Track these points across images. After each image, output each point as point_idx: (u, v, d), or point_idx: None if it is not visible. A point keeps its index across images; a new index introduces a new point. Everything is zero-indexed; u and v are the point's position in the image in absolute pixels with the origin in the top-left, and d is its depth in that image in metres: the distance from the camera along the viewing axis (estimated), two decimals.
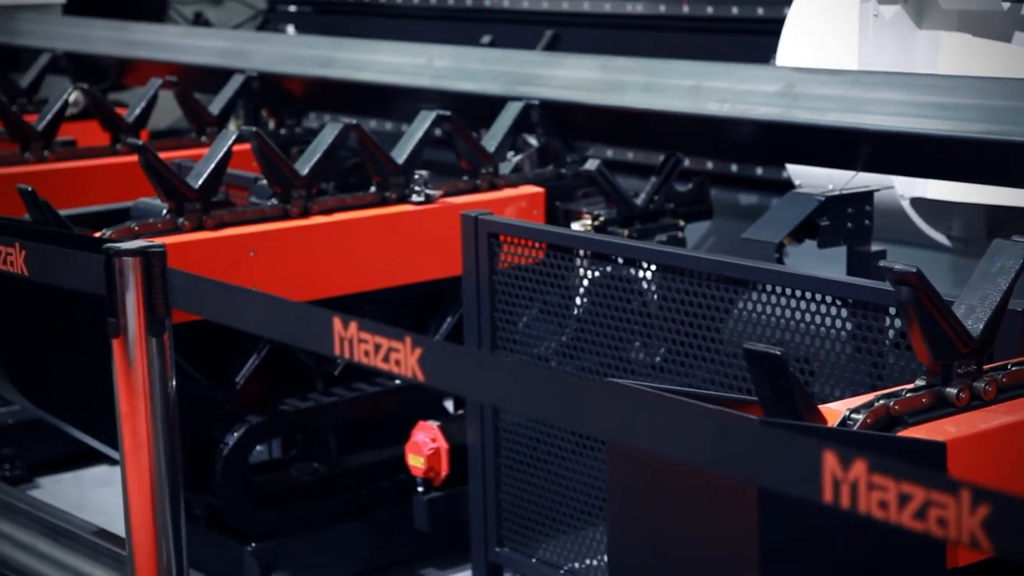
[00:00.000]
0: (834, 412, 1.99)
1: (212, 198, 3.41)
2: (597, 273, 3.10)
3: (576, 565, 3.20)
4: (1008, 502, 1.36)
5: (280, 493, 3.68)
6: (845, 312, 2.61)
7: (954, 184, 3.68)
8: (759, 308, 2.75)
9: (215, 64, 5.31)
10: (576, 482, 3.16)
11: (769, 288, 2.73)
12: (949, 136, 3.31)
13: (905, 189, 3.81)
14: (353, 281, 3.57)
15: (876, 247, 3.51)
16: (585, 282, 3.13)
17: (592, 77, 4.19)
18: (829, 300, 2.63)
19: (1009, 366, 2.13)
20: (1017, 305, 2.34)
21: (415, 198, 3.66)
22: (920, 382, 2.06)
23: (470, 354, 2.58)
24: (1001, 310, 2.10)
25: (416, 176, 3.67)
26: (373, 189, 3.67)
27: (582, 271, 3.14)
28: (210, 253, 3.33)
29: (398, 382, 3.60)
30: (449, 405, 3.91)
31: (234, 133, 3.50)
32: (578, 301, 3.16)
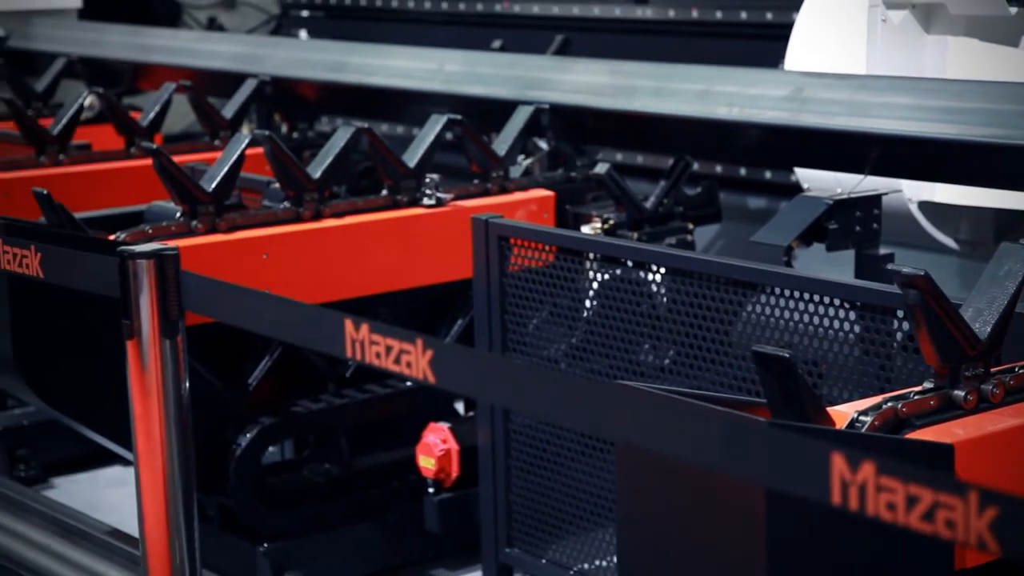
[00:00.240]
0: (842, 414, 1.99)
1: (225, 201, 3.42)
2: (607, 276, 3.10)
3: (586, 566, 3.20)
4: (1016, 504, 1.36)
5: (292, 494, 3.69)
6: (853, 315, 2.61)
7: (962, 188, 3.69)
8: (768, 311, 2.75)
9: (228, 68, 5.32)
10: (586, 483, 3.16)
11: (778, 291, 2.73)
12: (956, 140, 3.31)
13: (913, 193, 3.81)
14: (364, 283, 3.58)
15: (884, 250, 3.52)
16: (595, 285, 3.13)
17: (602, 81, 4.20)
18: (837, 303, 2.63)
19: (1016, 369, 2.13)
20: None
21: (426, 201, 3.67)
22: (928, 385, 2.06)
23: (481, 356, 2.59)
24: (1009, 313, 2.10)
25: (427, 180, 3.68)
26: (384, 192, 3.68)
27: (592, 274, 3.14)
28: (223, 256, 3.34)
29: (409, 384, 3.62)
30: (460, 407, 3.92)
31: (247, 137, 3.51)
32: (588, 304, 3.16)
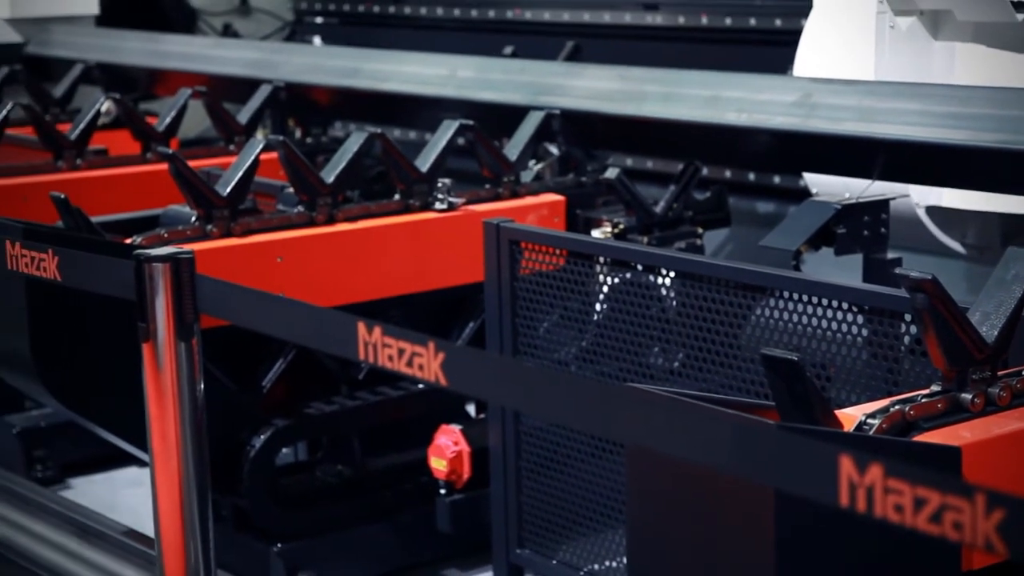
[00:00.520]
0: (850, 417, 2.00)
1: (240, 205, 3.43)
2: (617, 280, 3.11)
3: (596, 567, 3.21)
4: (1022, 506, 1.37)
5: (305, 495, 3.71)
6: (861, 318, 2.62)
7: (969, 193, 3.70)
8: (776, 314, 2.76)
9: (243, 74, 5.35)
10: (596, 485, 3.17)
11: (786, 295, 2.74)
12: (964, 145, 3.32)
13: (921, 197, 3.82)
14: (377, 287, 3.60)
15: (892, 254, 3.52)
16: (605, 288, 3.14)
17: (612, 87, 4.21)
18: (845, 307, 2.64)
19: (1023, 372, 2.15)
20: None
21: (438, 206, 3.68)
22: (935, 388, 2.07)
23: (492, 359, 2.60)
24: (1015, 317, 2.11)
25: (439, 184, 3.70)
26: (397, 197, 3.69)
27: (602, 278, 3.15)
28: (238, 259, 3.36)
29: (421, 386, 3.64)
30: (471, 409, 3.93)
31: (261, 142, 3.53)
32: (598, 307, 3.17)
